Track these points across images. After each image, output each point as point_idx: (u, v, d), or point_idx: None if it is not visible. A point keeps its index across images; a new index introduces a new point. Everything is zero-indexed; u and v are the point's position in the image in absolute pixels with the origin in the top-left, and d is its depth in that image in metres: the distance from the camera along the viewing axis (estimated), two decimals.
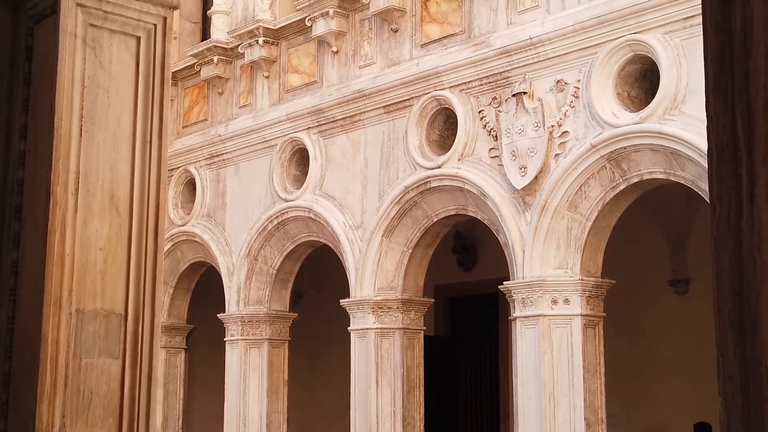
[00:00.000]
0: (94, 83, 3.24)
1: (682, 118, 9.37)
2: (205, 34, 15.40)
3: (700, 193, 9.49)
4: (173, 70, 15.30)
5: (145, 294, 3.26)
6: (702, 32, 1.69)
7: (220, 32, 14.54)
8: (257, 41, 13.62)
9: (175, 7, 3.33)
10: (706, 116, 1.73)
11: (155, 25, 3.32)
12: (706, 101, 1.73)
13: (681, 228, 13.81)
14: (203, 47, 14.58)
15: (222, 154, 14.44)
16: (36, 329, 3.14)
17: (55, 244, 3.16)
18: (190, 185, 15.02)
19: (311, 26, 12.93)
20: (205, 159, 14.74)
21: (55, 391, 3.11)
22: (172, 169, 15.16)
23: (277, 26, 13.60)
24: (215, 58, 14.41)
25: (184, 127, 15.35)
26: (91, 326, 3.20)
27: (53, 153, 3.15)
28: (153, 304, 3.28)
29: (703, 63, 6.55)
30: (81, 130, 3.21)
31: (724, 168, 1.67)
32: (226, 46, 14.37)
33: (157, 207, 3.31)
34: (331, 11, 12.58)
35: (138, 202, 3.24)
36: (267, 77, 13.91)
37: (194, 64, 14.85)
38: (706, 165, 7.69)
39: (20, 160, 3.33)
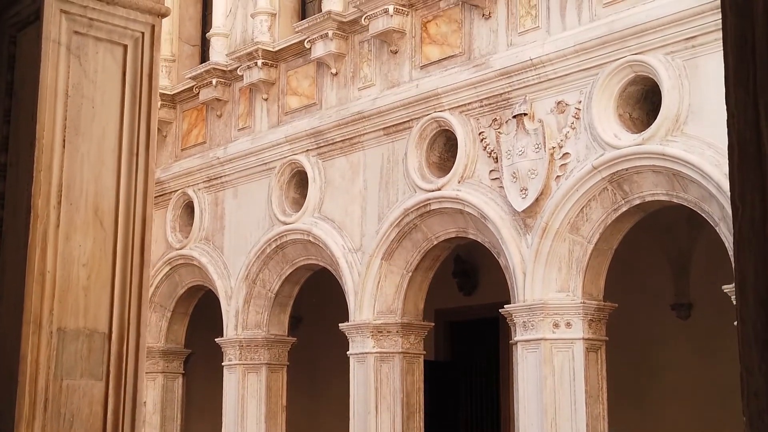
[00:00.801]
0: (78, 93, 3.11)
1: (684, 139, 9.27)
2: (204, 57, 15.34)
3: (703, 215, 9.38)
4: (172, 93, 15.24)
5: (131, 312, 3.12)
6: (721, 17, 1.58)
7: (219, 54, 14.48)
8: (256, 63, 13.55)
9: (163, 15, 3.20)
10: (727, 111, 1.61)
11: (143, 33, 3.19)
12: (726, 94, 1.61)
13: (683, 251, 13.67)
14: (202, 69, 14.51)
15: (220, 176, 14.34)
16: (15, 349, 2.99)
17: (36, 260, 3.02)
18: (189, 208, 14.91)
19: (310, 48, 12.86)
20: (203, 182, 14.63)
21: (35, 414, 2.97)
22: (170, 192, 15.07)
23: (276, 48, 13.53)
24: (214, 81, 14.33)
25: (182, 150, 15.26)
26: (73, 346, 3.06)
27: (35, 165, 3.01)
28: (138, 323, 3.14)
29: (705, 85, 6.44)
30: (64, 141, 3.08)
31: (747, 165, 1.55)
32: (224, 69, 14.30)
33: (144, 221, 3.17)
34: (330, 33, 12.51)
35: (123, 216, 3.10)
36: (266, 99, 13.83)
37: (193, 86, 14.77)
38: (709, 187, 7.60)
39: (1, 172, 3.19)
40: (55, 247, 3.07)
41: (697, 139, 9.18)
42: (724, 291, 9.11)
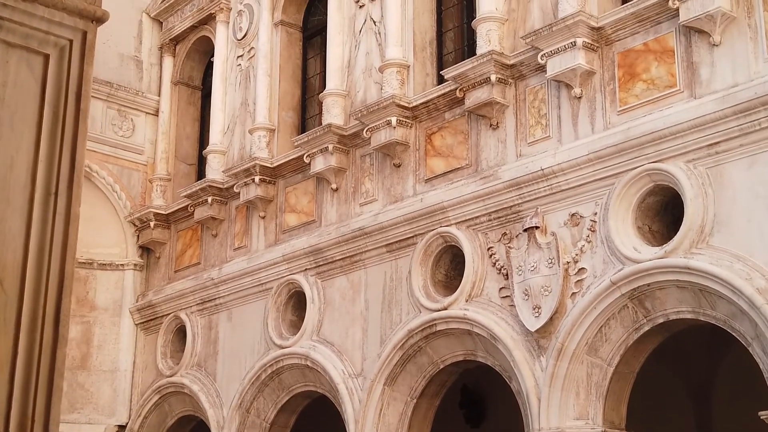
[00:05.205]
0: None
1: (710, 251, 8.60)
2: (201, 176, 14.86)
3: (733, 334, 8.65)
4: (167, 213, 14.70)
5: (36, 407, 2.34)
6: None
7: (215, 172, 14.00)
8: (253, 180, 13.03)
9: (99, 20, 2.54)
10: None
11: (71, 41, 2.52)
12: None
13: (703, 379, 12.94)
14: (197, 187, 13.99)
15: (215, 298, 13.66)
16: None
17: None
18: (181, 333, 14.20)
19: (310, 163, 12.34)
20: (196, 304, 13.95)
21: None
22: (162, 316, 14.41)
23: (275, 164, 13.03)
24: (209, 199, 13.79)
25: (175, 272, 14.62)
26: None
27: None
28: (46, 422, 2.35)
29: (731, 194, 5.78)
30: None
31: None
32: (221, 186, 13.79)
33: (61, 284, 2.43)
34: (330, 147, 12.01)
35: (33, 276, 2.37)
36: (263, 217, 13.26)
37: (188, 205, 14.23)
38: (740, 303, 6.85)
39: None
40: None
41: (724, 252, 8.51)
42: (761, 418, 8.30)
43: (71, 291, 2.47)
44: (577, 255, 9.52)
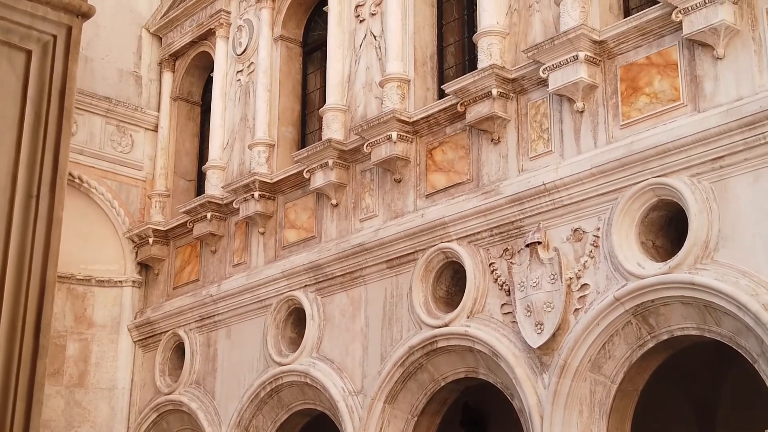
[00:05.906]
0: None
1: (715, 267, 8.48)
2: (201, 192, 14.75)
3: (739, 350, 8.52)
4: (165, 229, 14.59)
5: (15, 421, 2.22)
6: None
7: (214, 188, 13.90)
8: (253, 195, 12.93)
9: (84, 15, 2.41)
10: None
11: (55, 37, 2.39)
12: None
13: (708, 396, 12.77)
14: (196, 203, 13.88)
15: (213, 315, 13.53)
16: None
17: None
18: (179, 350, 14.06)
19: (310, 178, 12.24)
20: (195, 321, 13.83)
21: None
22: (160, 333, 14.28)
23: (274, 180, 12.92)
24: (209, 215, 13.68)
25: (174, 289, 14.50)
26: None
27: None
28: None
29: (736, 208, 5.64)
30: None
31: None
32: (220, 202, 13.68)
33: (42, 291, 2.30)
34: (330, 162, 11.91)
35: (13, 282, 2.24)
36: (262, 233, 13.15)
37: (187, 221, 14.12)
38: (746, 319, 6.70)
39: None
40: None
41: (730, 267, 8.39)
42: None
43: (53, 299, 2.34)
44: (579, 271, 9.40)
